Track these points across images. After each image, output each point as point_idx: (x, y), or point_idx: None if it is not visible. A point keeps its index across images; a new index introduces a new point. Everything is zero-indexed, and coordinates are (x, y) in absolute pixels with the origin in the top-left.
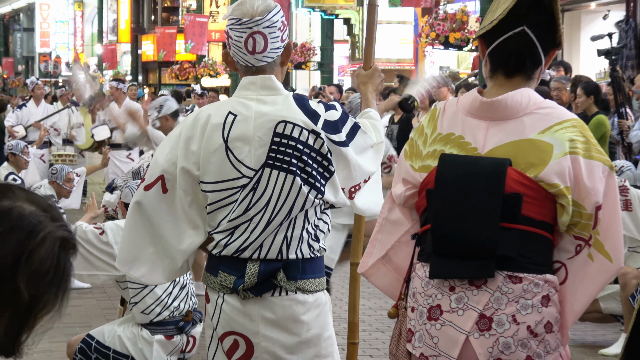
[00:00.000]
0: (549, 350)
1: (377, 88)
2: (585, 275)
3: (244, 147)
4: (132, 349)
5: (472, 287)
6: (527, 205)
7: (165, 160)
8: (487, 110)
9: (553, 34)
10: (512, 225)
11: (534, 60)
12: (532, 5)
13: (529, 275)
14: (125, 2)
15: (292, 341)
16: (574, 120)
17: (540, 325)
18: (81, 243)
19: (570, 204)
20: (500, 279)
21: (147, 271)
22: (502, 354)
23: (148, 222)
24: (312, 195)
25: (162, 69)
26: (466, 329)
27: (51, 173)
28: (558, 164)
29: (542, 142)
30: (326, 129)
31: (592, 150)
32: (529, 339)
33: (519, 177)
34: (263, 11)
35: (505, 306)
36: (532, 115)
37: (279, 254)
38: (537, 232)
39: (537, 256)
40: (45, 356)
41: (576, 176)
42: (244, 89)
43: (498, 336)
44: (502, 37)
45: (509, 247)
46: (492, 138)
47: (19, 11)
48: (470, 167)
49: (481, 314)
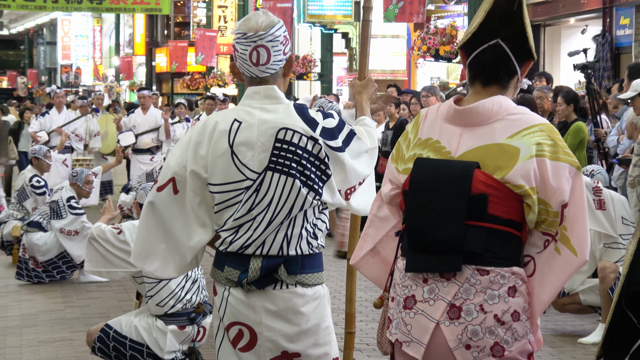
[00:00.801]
0: (517, 337)
1: (371, 97)
2: (552, 268)
3: (248, 152)
4: (148, 338)
5: (442, 279)
6: (493, 204)
7: (176, 164)
8: (460, 117)
9: (527, 46)
10: (478, 223)
11: (508, 71)
12: (505, 20)
13: (495, 269)
14: (140, 18)
15: (292, 331)
16: (542, 125)
17: (507, 314)
18: (100, 242)
19: (536, 203)
20: (469, 272)
21: (160, 266)
22: (470, 340)
23: (160, 221)
24: (311, 197)
25: (174, 79)
26: (436, 318)
27: (72, 176)
28: (523, 167)
29: (510, 146)
30: (324, 135)
31: (560, 153)
32: (496, 327)
33: (486, 178)
34: (266, 26)
35: (474, 296)
36: (503, 121)
37: (280, 251)
38: (504, 230)
39: (503, 251)
40: (67, 344)
41: (542, 177)
42: (249, 98)
43: (467, 324)
44: (479, 49)
45: (476, 243)
46: (465, 143)
47: (43, 26)
48: (440, 170)
49: (451, 303)
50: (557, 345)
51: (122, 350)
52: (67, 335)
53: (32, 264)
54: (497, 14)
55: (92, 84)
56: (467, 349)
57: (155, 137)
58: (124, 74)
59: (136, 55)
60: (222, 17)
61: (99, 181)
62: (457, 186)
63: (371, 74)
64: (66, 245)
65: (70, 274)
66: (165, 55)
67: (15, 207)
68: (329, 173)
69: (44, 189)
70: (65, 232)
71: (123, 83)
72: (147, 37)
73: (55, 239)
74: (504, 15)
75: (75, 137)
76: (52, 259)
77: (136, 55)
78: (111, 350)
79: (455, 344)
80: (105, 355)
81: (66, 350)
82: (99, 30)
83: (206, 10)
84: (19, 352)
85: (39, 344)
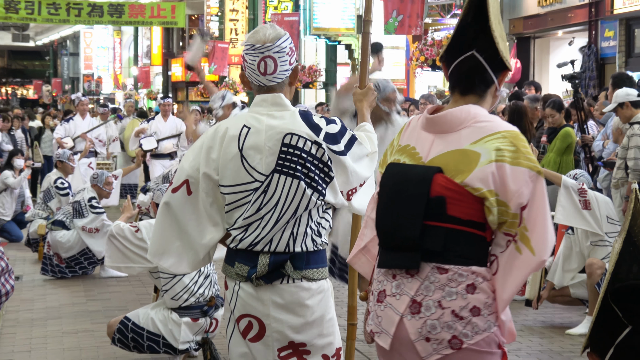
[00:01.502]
0: (478, 331)
1: (371, 104)
2: (512, 266)
3: (256, 156)
4: (163, 330)
5: (407, 275)
6: (453, 206)
7: (189, 167)
8: (431, 125)
9: (502, 58)
10: (437, 224)
11: (484, 81)
12: (479, 32)
13: (454, 267)
14: (157, 31)
15: (298, 322)
16: (506, 132)
17: (465, 310)
18: (119, 239)
19: (495, 205)
20: (429, 269)
21: (174, 262)
22: (429, 333)
23: (175, 220)
24: (315, 197)
25: (189, 88)
26: (400, 311)
27: (93, 178)
28: (482, 171)
29: (472, 151)
30: (327, 140)
31: (521, 158)
32: (454, 322)
33: (446, 182)
34: (273, 39)
35: (433, 293)
36: (469, 128)
37: (287, 247)
38: (464, 230)
39: (463, 250)
40: (88, 335)
41: (502, 181)
42: (257, 105)
43: (426, 319)
44: (456, 61)
45: (435, 242)
46: (435, 148)
47: (66, 38)
48: (405, 175)
49: (413, 299)
50: (546, 336)
51: (139, 340)
52: (89, 327)
53: (56, 260)
54: (471, 27)
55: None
56: (426, 341)
57: (175, 143)
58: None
59: (153, 65)
60: (233, 30)
61: (119, 183)
62: (417, 189)
63: (370, 83)
64: (88, 242)
65: (91, 269)
66: (180, 66)
67: (40, 207)
68: (332, 175)
69: (68, 190)
70: (87, 230)
71: (141, 91)
72: (163, 49)
73: (77, 236)
74: (477, 28)
75: (99, 142)
76: (74, 255)
77: (153, 65)
78: (130, 341)
79: (416, 336)
80: (124, 346)
81: (88, 341)
82: (119, 42)
83: (218, 23)
84: (43, 342)
85: (63, 334)
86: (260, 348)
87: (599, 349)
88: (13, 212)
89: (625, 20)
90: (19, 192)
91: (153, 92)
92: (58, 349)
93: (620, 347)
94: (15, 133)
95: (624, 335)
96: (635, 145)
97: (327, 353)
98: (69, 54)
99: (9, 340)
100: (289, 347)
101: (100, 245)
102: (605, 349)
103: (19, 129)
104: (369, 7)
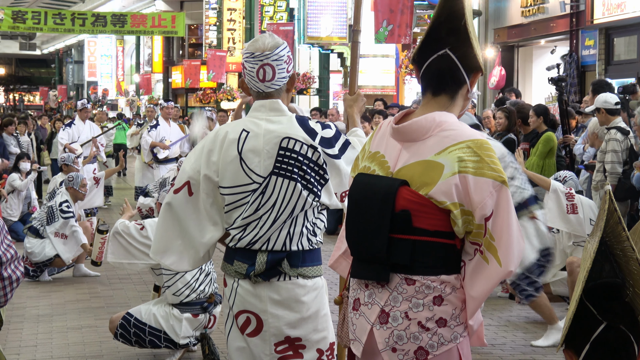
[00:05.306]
0: (443, 342)
1: (361, 110)
2: (478, 275)
3: (255, 158)
4: (165, 325)
5: (378, 286)
6: (419, 218)
7: (191, 169)
8: (397, 134)
9: (475, 58)
10: (404, 236)
11: (456, 80)
12: (451, 30)
13: (422, 278)
14: (158, 39)
15: (294, 318)
16: (469, 141)
17: (432, 321)
18: (124, 236)
19: (459, 217)
20: (397, 280)
21: (176, 260)
22: (396, 344)
23: (177, 220)
24: (311, 199)
25: (188, 94)
26: (371, 321)
27: (68, 180)
28: (445, 183)
29: (436, 162)
30: (322, 144)
31: (485, 168)
32: (420, 333)
33: (411, 195)
34: (272, 47)
35: (400, 304)
36: (435, 137)
37: (284, 246)
38: (432, 240)
39: (431, 260)
40: (92, 331)
41: (465, 192)
42: (256, 110)
43: (393, 329)
44: (429, 60)
45: (402, 255)
46: (402, 158)
47: (71, 47)
48: (371, 188)
49: (382, 309)
50: (530, 331)
51: (141, 335)
52: (92, 323)
53: (25, 263)
54: (444, 26)
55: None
56: (393, 351)
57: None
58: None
59: (154, 73)
60: (231, 39)
61: (102, 184)
62: (382, 204)
63: (361, 90)
64: (59, 249)
65: (59, 270)
66: (180, 73)
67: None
68: (327, 177)
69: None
70: (59, 236)
71: (143, 97)
72: (164, 57)
73: (42, 248)
74: (451, 27)
75: (101, 147)
76: (42, 261)
77: (154, 73)
78: (132, 336)
79: (383, 346)
80: (126, 341)
81: (91, 336)
82: (122, 50)
83: (217, 33)
84: (49, 337)
85: (67, 330)
86: (258, 342)
87: (575, 346)
88: (20, 213)
89: (605, 29)
90: (25, 193)
91: (154, 98)
92: (63, 344)
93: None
94: (20, 137)
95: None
96: (612, 150)
97: (322, 347)
98: (73, 62)
99: (16, 336)
100: (285, 342)
101: (69, 252)
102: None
103: (24, 133)
104: (358, 17)
